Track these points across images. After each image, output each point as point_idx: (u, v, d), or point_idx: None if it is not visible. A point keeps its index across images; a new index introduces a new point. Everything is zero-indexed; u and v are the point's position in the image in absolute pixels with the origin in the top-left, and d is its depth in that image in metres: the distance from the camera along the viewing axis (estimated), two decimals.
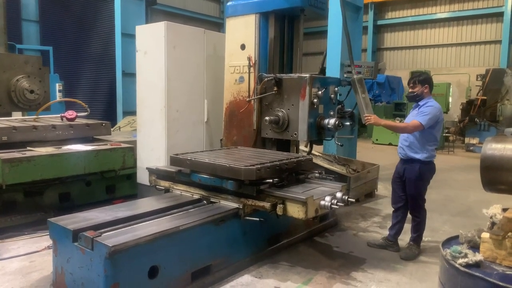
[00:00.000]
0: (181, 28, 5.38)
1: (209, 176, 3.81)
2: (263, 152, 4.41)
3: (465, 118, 13.98)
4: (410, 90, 4.30)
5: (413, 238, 4.39)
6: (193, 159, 3.90)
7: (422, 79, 4.24)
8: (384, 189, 7.05)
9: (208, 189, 3.97)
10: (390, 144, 13.27)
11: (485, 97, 13.65)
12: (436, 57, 18.94)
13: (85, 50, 12.80)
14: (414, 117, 4.16)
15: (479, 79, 14.81)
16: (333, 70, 6.97)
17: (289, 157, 4.08)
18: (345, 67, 4.79)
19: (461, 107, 15.03)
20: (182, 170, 4.05)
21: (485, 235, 2.62)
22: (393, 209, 4.55)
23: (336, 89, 4.65)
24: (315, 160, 6.01)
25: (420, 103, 4.23)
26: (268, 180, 3.62)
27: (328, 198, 3.53)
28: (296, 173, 4.07)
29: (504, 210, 2.71)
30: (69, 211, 4.26)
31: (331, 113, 4.57)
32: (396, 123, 4.26)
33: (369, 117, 4.24)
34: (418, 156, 4.17)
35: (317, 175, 4.22)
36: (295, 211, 3.46)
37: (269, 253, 4.14)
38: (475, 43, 17.95)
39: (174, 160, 4.04)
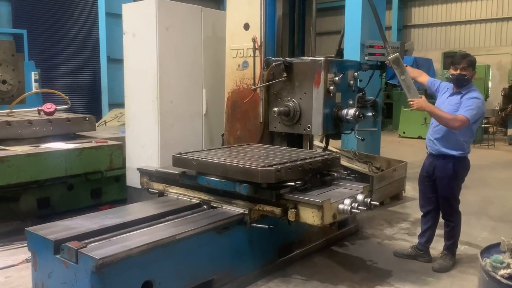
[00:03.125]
0: (175, 6, 5.39)
1: (219, 179, 3.81)
2: (280, 149, 4.41)
3: (507, 106, 13.86)
4: (460, 72, 4.15)
5: (446, 246, 4.38)
6: (200, 159, 3.89)
7: (474, 61, 4.21)
8: (413, 190, 7.03)
9: (209, 192, 4.00)
10: (419, 137, 13.21)
11: None
12: (473, 35, 18.78)
13: (64, 33, 12.84)
14: (452, 107, 4.13)
15: None
16: (352, 52, 6.94)
17: (312, 155, 4.06)
18: (366, 48, 4.77)
19: (502, 93, 14.91)
20: (187, 172, 4.07)
21: None
22: (421, 213, 4.55)
23: (356, 74, 4.64)
24: None
25: (462, 91, 4.19)
26: (289, 183, 3.59)
27: (347, 201, 3.53)
28: (321, 174, 4.05)
29: None
30: (49, 219, 4.31)
31: (350, 102, 4.57)
32: (445, 112, 4.16)
33: (412, 102, 4.20)
34: (452, 152, 4.16)
35: (344, 175, 4.16)
36: (310, 217, 3.46)
37: (280, 265, 4.15)
38: None
39: (177, 161, 4.04)
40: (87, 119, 5.89)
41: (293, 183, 3.59)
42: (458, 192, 4.33)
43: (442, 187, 4.27)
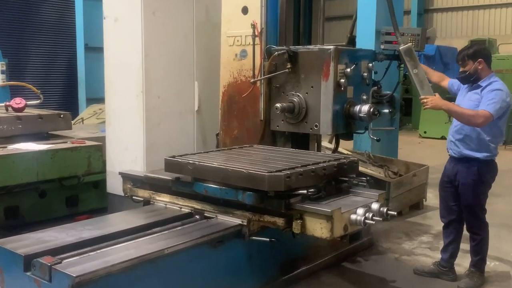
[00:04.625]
0: None
1: (219, 186, 3.81)
2: (288, 152, 4.40)
3: None
4: (461, 69, 4.29)
5: (474, 262, 4.40)
6: (197, 162, 3.88)
7: (472, 52, 4.23)
8: (435, 198, 7.01)
9: (202, 200, 4.00)
10: (442, 137, 13.19)
11: None
12: (505, 20, 18.81)
13: (35, 17, 12.83)
14: (472, 103, 4.15)
15: None
16: (365, 39, 6.95)
17: (325, 159, 4.04)
18: (382, 36, 4.78)
19: None
20: (182, 178, 4.06)
21: None
22: (443, 224, 4.56)
23: (370, 65, 4.65)
24: None
25: (481, 83, 4.22)
26: (301, 191, 3.57)
27: (361, 211, 3.53)
28: (335, 181, 4.03)
29: None
30: (19, 230, 4.31)
31: (364, 97, 4.58)
32: (464, 108, 4.17)
33: (425, 100, 4.22)
34: (476, 154, 4.18)
35: (358, 181, 4.13)
36: (317, 229, 3.46)
37: (283, 284, 4.17)
38: None
39: (170, 164, 4.03)
40: (61, 116, 5.88)
41: (305, 191, 3.57)
42: (484, 200, 4.35)
43: (466, 194, 4.28)
